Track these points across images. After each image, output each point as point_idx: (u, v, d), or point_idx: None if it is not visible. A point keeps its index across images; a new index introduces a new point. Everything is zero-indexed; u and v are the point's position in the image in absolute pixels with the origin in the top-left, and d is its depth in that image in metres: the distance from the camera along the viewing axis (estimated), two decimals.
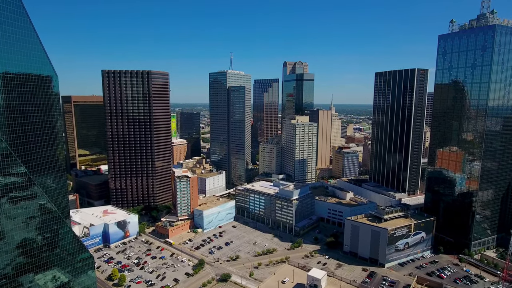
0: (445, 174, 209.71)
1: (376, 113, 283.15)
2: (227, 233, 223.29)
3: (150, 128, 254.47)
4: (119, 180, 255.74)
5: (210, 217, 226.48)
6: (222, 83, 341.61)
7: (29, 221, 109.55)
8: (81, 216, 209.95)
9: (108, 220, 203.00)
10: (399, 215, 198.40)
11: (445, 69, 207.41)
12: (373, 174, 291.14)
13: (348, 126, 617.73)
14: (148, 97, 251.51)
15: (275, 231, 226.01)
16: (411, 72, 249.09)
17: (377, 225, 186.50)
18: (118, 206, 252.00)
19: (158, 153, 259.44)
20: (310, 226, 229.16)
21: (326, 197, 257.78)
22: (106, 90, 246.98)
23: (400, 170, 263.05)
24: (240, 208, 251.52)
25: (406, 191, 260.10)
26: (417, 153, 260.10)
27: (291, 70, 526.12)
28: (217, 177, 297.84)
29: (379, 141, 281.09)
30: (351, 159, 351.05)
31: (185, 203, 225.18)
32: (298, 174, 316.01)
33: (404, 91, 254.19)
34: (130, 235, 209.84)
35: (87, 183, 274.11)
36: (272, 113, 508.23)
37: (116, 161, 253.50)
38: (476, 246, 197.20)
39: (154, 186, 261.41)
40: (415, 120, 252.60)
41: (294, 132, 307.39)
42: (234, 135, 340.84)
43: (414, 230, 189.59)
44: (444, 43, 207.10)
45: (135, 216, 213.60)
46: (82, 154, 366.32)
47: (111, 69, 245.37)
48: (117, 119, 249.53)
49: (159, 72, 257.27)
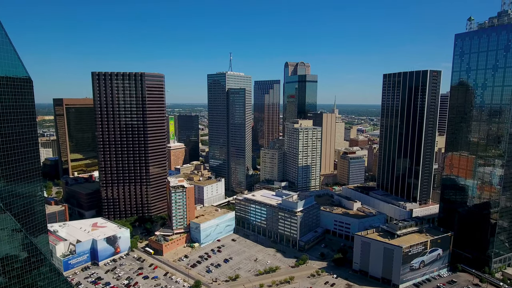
0: (461, 182, 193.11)
1: (385, 116, 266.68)
2: (226, 248, 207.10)
3: (144, 132, 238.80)
4: (111, 189, 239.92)
5: (208, 230, 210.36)
6: (221, 85, 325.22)
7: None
8: (67, 230, 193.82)
9: (97, 236, 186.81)
10: (413, 230, 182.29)
11: (462, 71, 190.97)
12: (381, 181, 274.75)
13: (352, 129, 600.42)
14: (141, 100, 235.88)
15: (278, 246, 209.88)
16: (423, 74, 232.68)
17: (390, 242, 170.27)
18: (110, 217, 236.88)
19: (152, 159, 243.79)
20: (315, 240, 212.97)
21: (332, 207, 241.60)
22: (97, 93, 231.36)
23: (410, 178, 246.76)
24: (240, 219, 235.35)
25: (417, 200, 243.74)
26: (429, 159, 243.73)
27: (293, 71, 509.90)
28: (216, 185, 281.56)
29: (387, 146, 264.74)
30: (357, 165, 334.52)
31: (180, 216, 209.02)
32: (301, 181, 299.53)
33: (415, 93, 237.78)
34: (121, 251, 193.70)
35: (77, 192, 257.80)
36: (273, 115, 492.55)
37: (108, 168, 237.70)
38: (497, 263, 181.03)
39: (148, 194, 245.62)
40: (427, 124, 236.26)
41: (297, 137, 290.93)
42: (234, 140, 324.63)
43: (430, 247, 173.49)
44: (462, 43, 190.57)
45: (126, 230, 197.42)
46: (75, 159, 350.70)
47: (101, 71, 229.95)
48: (109, 124, 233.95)
49: (153, 74, 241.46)
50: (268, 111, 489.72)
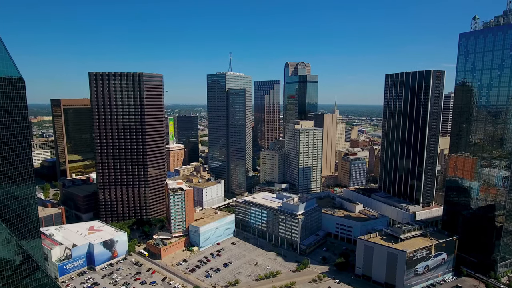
0: (466, 184, 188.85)
1: (387, 116, 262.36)
2: (226, 252, 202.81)
3: (142, 133, 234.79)
4: (109, 191, 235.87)
5: (207, 233, 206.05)
6: (220, 86, 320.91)
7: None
8: (63, 234, 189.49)
9: (94, 239, 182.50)
10: (417, 234, 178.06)
11: (467, 71, 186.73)
12: (383, 183, 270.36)
13: (353, 129, 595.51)
14: (140, 100, 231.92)
15: (278, 249, 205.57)
16: (426, 74, 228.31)
17: (394, 247, 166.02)
18: (107, 220, 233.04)
19: (151, 161, 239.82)
20: (317, 243, 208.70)
21: (333, 209, 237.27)
22: (94, 93, 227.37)
23: (413, 179, 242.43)
24: (240, 222, 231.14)
25: (420, 202, 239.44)
26: (432, 160, 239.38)
27: (293, 71, 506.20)
28: (215, 187, 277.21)
29: (390, 147, 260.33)
30: (358, 167, 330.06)
31: (179, 219, 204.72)
32: (302, 183, 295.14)
33: (418, 94, 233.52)
34: (118, 255, 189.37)
35: (74, 194, 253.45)
36: (273, 115, 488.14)
37: (105, 170, 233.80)
38: (503, 268, 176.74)
39: (146, 196, 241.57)
40: (431, 125, 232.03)
41: (298, 138, 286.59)
42: (234, 141, 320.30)
43: (435, 252, 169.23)
44: (466, 42, 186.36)
45: (124, 234, 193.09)
46: (73, 160, 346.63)
47: (99, 71, 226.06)
48: (106, 125, 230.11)
49: (152, 74, 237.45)
50: (268, 112, 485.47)
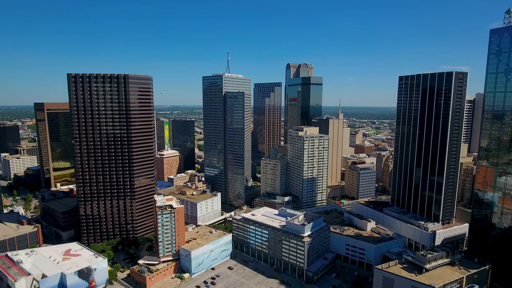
0: (498, 200, 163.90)
1: (401, 122, 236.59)
2: (222, 279, 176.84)
3: (128, 140, 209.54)
4: (91, 205, 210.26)
5: (200, 257, 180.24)
6: (217, 89, 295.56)
7: None
8: (34, 260, 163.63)
9: (68, 268, 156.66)
10: (444, 263, 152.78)
11: (499, 73, 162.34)
12: (396, 195, 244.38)
13: (357, 134, 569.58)
14: (125, 105, 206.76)
15: (281, 275, 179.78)
16: (447, 76, 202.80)
17: (419, 280, 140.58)
18: (90, 239, 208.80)
19: (138, 170, 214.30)
20: (325, 269, 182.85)
21: (342, 226, 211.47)
22: (74, 97, 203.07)
23: (431, 192, 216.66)
24: (238, 242, 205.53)
25: (439, 219, 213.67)
26: (453, 171, 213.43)
27: (295, 73, 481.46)
28: (211, 200, 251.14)
29: (403, 155, 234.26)
30: (367, 176, 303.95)
31: (168, 241, 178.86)
32: (306, 195, 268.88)
33: (437, 98, 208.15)
34: (97, 285, 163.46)
35: (53, 210, 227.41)
36: (274, 119, 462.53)
37: (86, 181, 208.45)
38: None
39: (133, 211, 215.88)
40: (452, 132, 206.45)
41: (302, 146, 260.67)
42: (232, 148, 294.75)
43: (466, 285, 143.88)
44: (499, 40, 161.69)
45: (103, 260, 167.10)
46: (59, 168, 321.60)
47: (78, 73, 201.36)
48: (87, 131, 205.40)
49: (139, 76, 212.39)
50: (269, 115, 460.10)
